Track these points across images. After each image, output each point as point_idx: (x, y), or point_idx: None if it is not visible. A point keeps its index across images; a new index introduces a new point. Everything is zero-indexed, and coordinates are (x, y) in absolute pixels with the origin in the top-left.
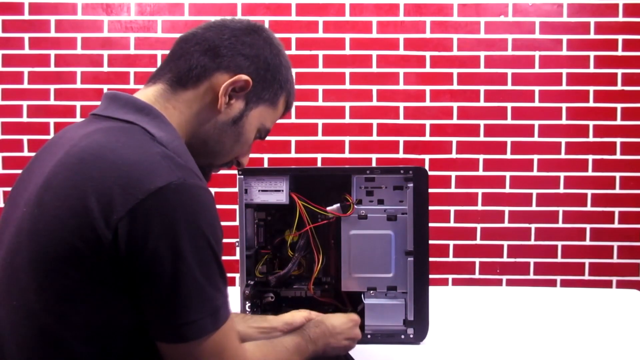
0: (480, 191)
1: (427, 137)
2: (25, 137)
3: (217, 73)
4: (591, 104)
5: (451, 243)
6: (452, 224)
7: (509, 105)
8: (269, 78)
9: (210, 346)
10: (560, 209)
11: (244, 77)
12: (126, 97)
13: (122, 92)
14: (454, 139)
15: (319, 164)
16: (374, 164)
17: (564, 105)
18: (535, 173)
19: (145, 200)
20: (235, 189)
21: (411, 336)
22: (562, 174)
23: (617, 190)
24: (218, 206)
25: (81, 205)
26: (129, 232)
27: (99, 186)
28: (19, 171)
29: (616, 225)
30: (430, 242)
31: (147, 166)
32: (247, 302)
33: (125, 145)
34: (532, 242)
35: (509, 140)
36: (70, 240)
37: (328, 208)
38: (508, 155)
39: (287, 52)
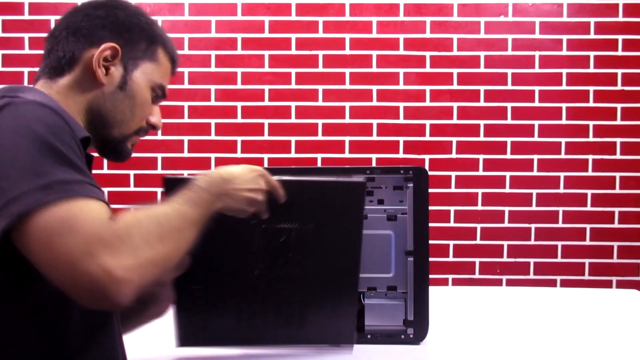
0: (480, 191)
1: (427, 137)
2: None
3: (85, 51)
4: (591, 104)
5: (451, 243)
6: (452, 224)
7: (509, 105)
8: (134, 38)
9: (51, 218)
10: (560, 209)
11: (109, 44)
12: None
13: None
14: (454, 139)
15: (319, 164)
16: (374, 164)
17: (564, 105)
18: (535, 173)
19: None
20: None
21: (411, 336)
22: (562, 174)
23: (617, 190)
24: None
25: None
26: None
27: None
28: None
29: (616, 225)
30: (430, 242)
31: None
32: None
33: None
34: (532, 242)
35: (509, 140)
36: None
37: None
38: (508, 155)
39: (287, 52)
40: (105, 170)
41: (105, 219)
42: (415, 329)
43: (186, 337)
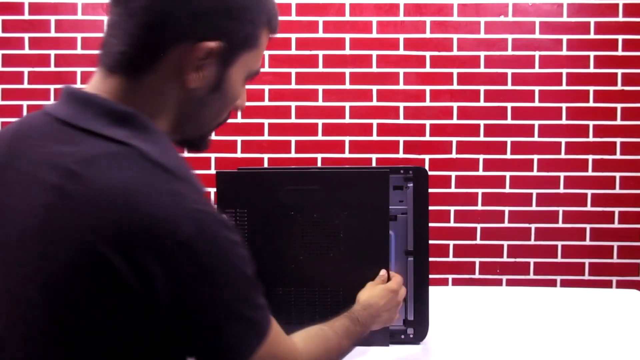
0: (480, 191)
1: (427, 137)
2: None
3: (172, 48)
4: (591, 104)
5: (451, 243)
6: (452, 224)
7: (509, 105)
8: (236, 26)
9: (263, 356)
10: (560, 209)
11: (207, 44)
12: (101, 103)
13: (84, 91)
14: (454, 139)
15: (319, 164)
16: (374, 164)
17: (564, 105)
18: (535, 173)
19: (176, 251)
20: None
21: (411, 336)
22: (562, 174)
23: (617, 190)
24: None
25: (105, 264)
26: (170, 290)
27: (121, 242)
28: None
29: (616, 225)
30: (430, 242)
31: (165, 211)
32: None
33: (137, 185)
34: (532, 242)
35: (509, 140)
36: (97, 300)
37: None
38: (508, 155)
39: (287, 52)
40: None
41: (296, 352)
42: (415, 329)
43: None
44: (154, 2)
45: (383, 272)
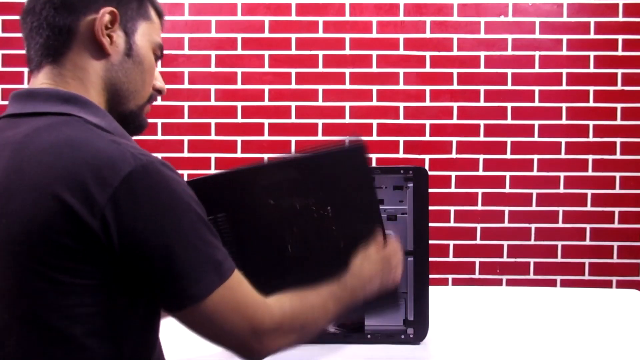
0: (480, 191)
1: (427, 137)
2: None
3: (81, 21)
4: (591, 104)
5: (451, 243)
6: (452, 224)
7: (509, 105)
8: None
9: (222, 300)
10: (560, 209)
11: (107, 9)
12: (44, 91)
13: (23, 88)
14: (454, 139)
15: None
16: (374, 164)
17: (564, 105)
18: (535, 173)
19: (121, 185)
20: None
21: (411, 336)
22: (562, 174)
23: (617, 190)
24: None
25: (59, 203)
26: (115, 219)
27: (72, 182)
28: None
29: (616, 225)
30: (430, 242)
31: (110, 154)
32: None
33: (80, 137)
34: (532, 242)
35: (509, 140)
36: (56, 239)
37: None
38: (508, 155)
39: (287, 52)
40: None
41: (265, 305)
42: (415, 328)
43: None
44: None
45: (379, 236)
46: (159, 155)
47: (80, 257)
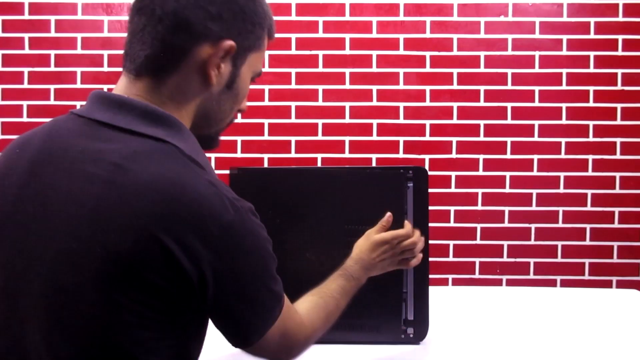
0: (480, 191)
1: (427, 137)
2: None
3: (197, 47)
4: (591, 104)
5: (451, 243)
6: (452, 224)
7: (509, 105)
8: (249, 28)
9: (273, 332)
10: (560, 209)
11: (227, 42)
12: (139, 105)
13: (116, 94)
14: (454, 139)
15: (319, 164)
16: (374, 164)
17: (564, 105)
18: (535, 173)
19: (221, 235)
20: None
21: (411, 336)
22: (562, 174)
23: (617, 190)
24: None
25: (161, 246)
26: (212, 266)
27: (175, 227)
28: None
29: (616, 225)
30: (430, 242)
31: (212, 202)
32: None
33: (181, 177)
34: (532, 242)
35: (509, 140)
36: (152, 279)
37: None
38: (508, 155)
39: (287, 52)
40: None
41: (302, 325)
42: (415, 328)
43: None
44: (178, 7)
45: (385, 218)
46: None
47: (171, 297)
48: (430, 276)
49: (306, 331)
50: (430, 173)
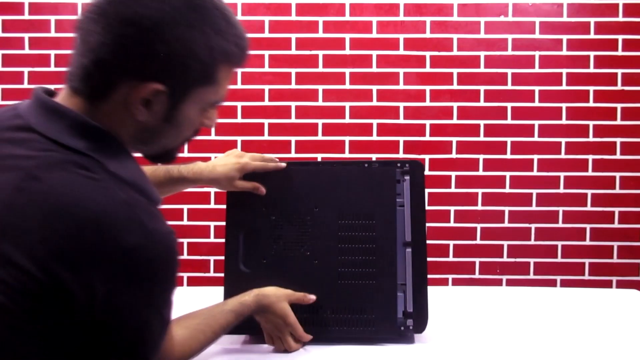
0: (480, 191)
1: (427, 137)
2: None
3: (119, 84)
4: (591, 104)
5: (451, 243)
6: (452, 224)
7: (509, 105)
8: (183, 69)
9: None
10: (560, 209)
11: (152, 85)
12: (71, 116)
13: (56, 102)
14: (454, 139)
15: None
16: None
17: (564, 105)
18: (535, 173)
19: (118, 260)
20: None
21: (410, 327)
22: (562, 174)
23: (617, 190)
24: None
25: (49, 261)
26: (106, 294)
27: (68, 244)
28: None
29: (616, 225)
30: (431, 241)
31: (112, 219)
32: None
33: (87, 194)
34: (532, 242)
35: (509, 140)
36: (37, 293)
37: None
38: (508, 155)
39: (287, 52)
40: None
41: (172, 354)
42: (414, 320)
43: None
44: (104, 43)
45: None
46: None
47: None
48: (430, 276)
49: (172, 354)
50: (430, 173)
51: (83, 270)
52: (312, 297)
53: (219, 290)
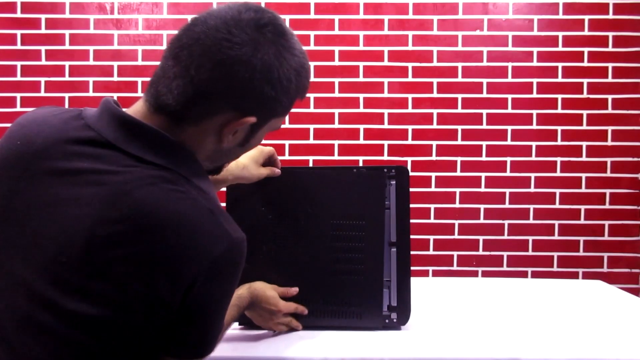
0: (458, 190)
1: (410, 141)
2: None
3: (217, 116)
4: (559, 110)
5: (431, 238)
6: (432, 220)
7: (484, 112)
8: (276, 105)
9: None
10: (531, 207)
11: (249, 119)
12: (147, 129)
13: (132, 117)
14: (434, 143)
15: (311, 166)
16: (360, 165)
17: (534, 112)
18: (508, 174)
19: (207, 266)
20: None
21: (395, 320)
22: (532, 175)
23: (583, 190)
24: None
25: (149, 279)
26: (191, 294)
27: (164, 254)
28: None
29: (582, 221)
30: (412, 236)
31: (206, 230)
32: None
33: (179, 206)
34: (506, 237)
35: (484, 144)
36: (135, 306)
37: None
38: (483, 158)
39: None
40: None
41: None
42: (398, 314)
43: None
44: (211, 78)
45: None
46: None
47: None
48: (412, 268)
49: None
50: (412, 174)
51: (176, 275)
52: (295, 289)
53: None
